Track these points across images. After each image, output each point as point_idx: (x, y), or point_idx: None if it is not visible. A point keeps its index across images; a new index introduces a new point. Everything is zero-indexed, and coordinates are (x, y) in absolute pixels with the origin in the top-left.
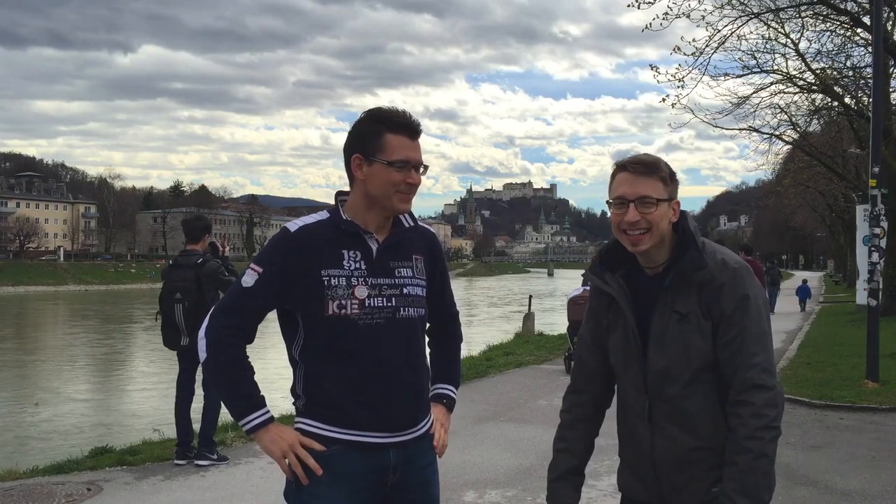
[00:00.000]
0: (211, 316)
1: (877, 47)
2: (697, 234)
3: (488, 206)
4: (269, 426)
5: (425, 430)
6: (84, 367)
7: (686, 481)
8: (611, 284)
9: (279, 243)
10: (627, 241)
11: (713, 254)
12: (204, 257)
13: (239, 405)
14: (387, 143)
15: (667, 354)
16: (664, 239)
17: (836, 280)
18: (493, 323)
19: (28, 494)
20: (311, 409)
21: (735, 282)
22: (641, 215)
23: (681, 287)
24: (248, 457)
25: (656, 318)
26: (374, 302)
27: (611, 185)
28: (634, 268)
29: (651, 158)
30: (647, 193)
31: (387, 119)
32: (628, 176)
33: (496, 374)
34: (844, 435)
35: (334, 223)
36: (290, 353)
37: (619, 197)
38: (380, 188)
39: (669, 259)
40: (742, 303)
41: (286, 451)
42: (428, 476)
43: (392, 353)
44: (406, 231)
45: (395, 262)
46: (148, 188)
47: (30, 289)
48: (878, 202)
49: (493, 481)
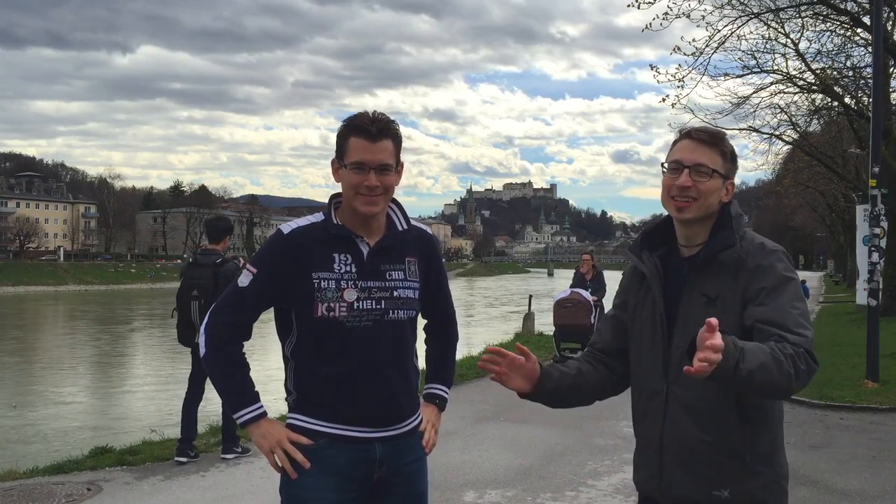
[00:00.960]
0: (210, 313)
1: (877, 47)
2: (740, 219)
3: (488, 206)
4: (260, 421)
5: (413, 426)
6: (84, 367)
7: (687, 475)
8: (646, 263)
9: (273, 245)
10: (674, 206)
11: (752, 239)
12: (223, 257)
13: (233, 399)
14: (349, 146)
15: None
16: (710, 216)
17: (836, 280)
18: (492, 323)
19: (28, 494)
20: (300, 405)
21: (773, 263)
22: (694, 182)
23: (710, 268)
24: (248, 457)
25: (684, 301)
26: (363, 305)
27: (670, 151)
28: (673, 250)
29: (716, 130)
30: (704, 162)
31: (350, 122)
32: (690, 143)
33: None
34: (844, 435)
35: (326, 226)
36: (283, 351)
37: (676, 161)
38: (345, 191)
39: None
40: (781, 283)
41: (274, 446)
42: (415, 471)
43: (379, 354)
44: (399, 234)
45: (386, 265)
46: (148, 188)
47: (30, 289)
48: (878, 202)
49: (493, 481)
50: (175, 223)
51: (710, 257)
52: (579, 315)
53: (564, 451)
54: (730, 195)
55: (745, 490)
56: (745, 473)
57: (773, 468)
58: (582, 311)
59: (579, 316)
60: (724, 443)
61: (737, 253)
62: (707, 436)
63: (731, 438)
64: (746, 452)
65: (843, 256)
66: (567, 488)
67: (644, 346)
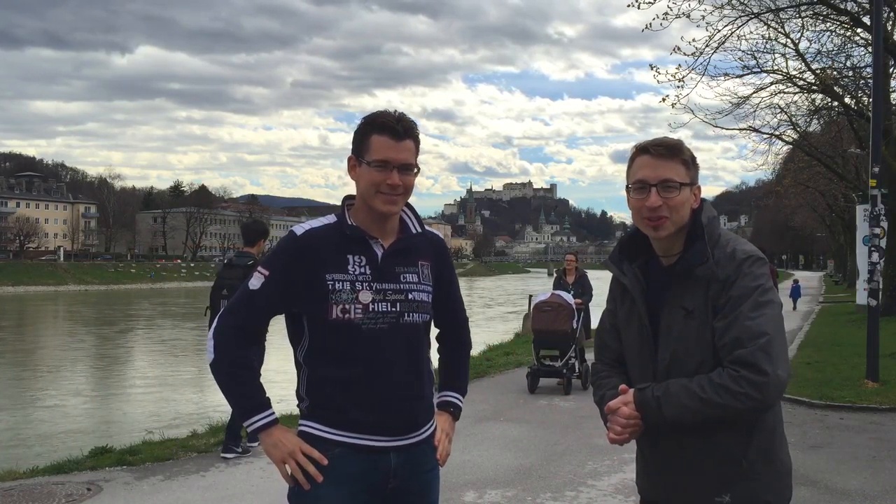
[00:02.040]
0: (220, 317)
1: (877, 47)
2: (713, 224)
3: (488, 206)
4: (272, 429)
5: (428, 434)
6: (84, 367)
7: (685, 482)
8: (627, 275)
9: (285, 246)
10: (648, 226)
11: (724, 245)
12: (256, 259)
13: (243, 405)
14: (371, 143)
15: (672, 350)
16: (684, 227)
17: (836, 280)
18: (491, 323)
19: (28, 494)
20: (313, 412)
21: (741, 274)
22: (664, 200)
23: (688, 281)
24: (248, 457)
25: (665, 313)
26: (379, 307)
27: (629, 169)
28: (653, 257)
29: (673, 141)
30: (670, 177)
31: (373, 120)
32: (649, 159)
33: (496, 374)
34: (844, 435)
35: (340, 228)
36: (296, 357)
37: (640, 181)
38: (364, 189)
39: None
40: (743, 294)
41: (286, 457)
42: (429, 481)
43: (394, 358)
44: (413, 237)
45: (400, 268)
46: (148, 188)
47: (30, 289)
48: (878, 202)
49: (493, 481)
50: (175, 223)
51: (686, 272)
52: (559, 320)
53: (564, 451)
54: (698, 200)
55: (746, 493)
56: (745, 477)
57: (772, 467)
58: (562, 316)
59: (559, 321)
60: (718, 449)
61: (710, 269)
62: (700, 442)
63: (724, 444)
64: (742, 456)
65: (843, 256)
66: (567, 488)
67: (634, 353)
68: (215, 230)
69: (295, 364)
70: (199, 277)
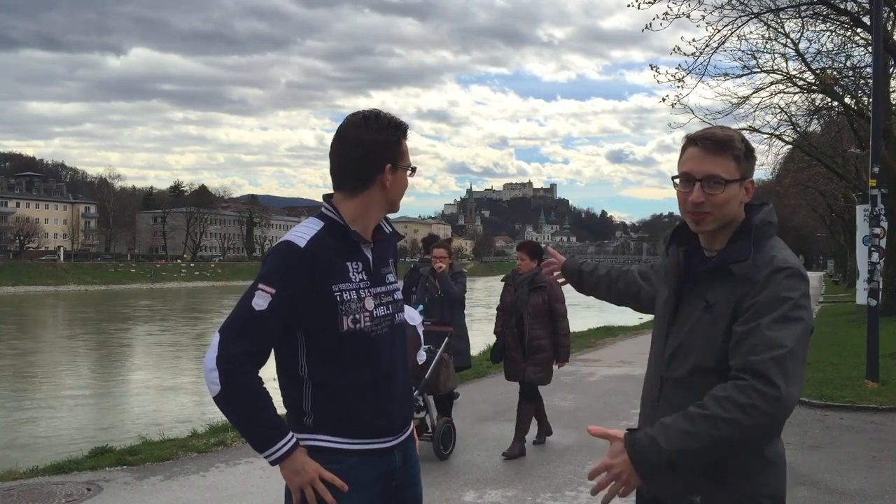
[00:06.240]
0: (221, 345)
1: (877, 47)
2: (765, 228)
3: (488, 206)
4: (295, 453)
5: (412, 428)
6: (84, 367)
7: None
8: (670, 257)
9: (289, 260)
10: (691, 220)
11: (768, 251)
12: None
13: (261, 434)
14: (404, 149)
15: (681, 338)
16: (731, 222)
17: (836, 280)
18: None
19: (28, 494)
20: (322, 425)
21: (773, 282)
22: (707, 196)
23: (718, 276)
24: (248, 457)
25: (686, 301)
26: (379, 312)
27: (679, 160)
28: (699, 247)
29: (725, 134)
30: (716, 173)
31: (399, 126)
32: (697, 151)
33: (496, 373)
34: (844, 435)
35: (335, 233)
36: (290, 372)
37: (686, 173)
38: (399, 193)
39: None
40: (770, 301)
41: (305, 485)
42: (416, 473)
43: (395, 359)
44: (388, 236)
45: (384, 269)
46: (148, 188)
47: (30, 289)
48: (878, 202)
49: (493, 481)
50: (175, 223)
51: (721, 266)
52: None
53: (564, 451)
54: (750, 194)
55: (715, 500)
56: (717, 484)
57: (751, 484)
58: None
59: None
60: None
61: (747, 268)
62: None
63: None
64: (720, 463)
65: (843, 256)
66: (567, 488)
67: (655, 331)
68: (215, 230)
69: (290, 379)
70: (198, 277)
